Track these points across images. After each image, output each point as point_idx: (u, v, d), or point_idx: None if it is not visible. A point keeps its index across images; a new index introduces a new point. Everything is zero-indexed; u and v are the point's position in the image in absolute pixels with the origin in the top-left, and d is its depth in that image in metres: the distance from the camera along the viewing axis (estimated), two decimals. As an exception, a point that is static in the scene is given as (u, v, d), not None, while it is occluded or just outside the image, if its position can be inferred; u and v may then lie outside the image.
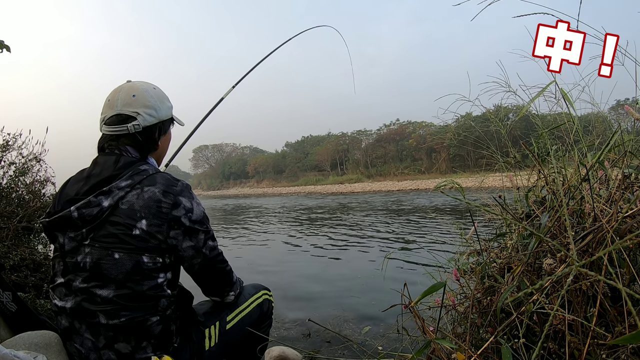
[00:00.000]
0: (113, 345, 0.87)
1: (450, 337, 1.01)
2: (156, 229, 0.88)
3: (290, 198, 31.85)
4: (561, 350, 0.85)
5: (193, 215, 0.94)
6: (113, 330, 0.86)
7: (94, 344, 0.88)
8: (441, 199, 15.72)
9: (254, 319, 1.20)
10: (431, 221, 9.27)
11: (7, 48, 1.61)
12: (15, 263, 2.19)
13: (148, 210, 0.88)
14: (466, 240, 1.51)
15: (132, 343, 0.88)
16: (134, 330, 0.87)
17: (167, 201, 0.90)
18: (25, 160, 2.87)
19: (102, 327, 0.86)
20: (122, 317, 0.85)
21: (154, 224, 0.88)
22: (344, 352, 2.06)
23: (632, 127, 1.26)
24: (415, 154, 51.09)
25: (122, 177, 0.91)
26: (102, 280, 0.85)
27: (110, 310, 0.85)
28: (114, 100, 0.98)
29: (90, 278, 0.86)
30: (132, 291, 0.86)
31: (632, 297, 0.72)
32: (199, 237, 0.95)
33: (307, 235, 8.24)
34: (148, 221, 0.87)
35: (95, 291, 0.86)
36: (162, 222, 0.89)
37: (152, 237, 0.87)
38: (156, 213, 0.88)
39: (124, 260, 0.85)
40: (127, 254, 0.85)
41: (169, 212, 0.90)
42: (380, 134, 58.87)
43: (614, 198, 0.98)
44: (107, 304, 0.85)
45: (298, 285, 4.09)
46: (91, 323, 0.87)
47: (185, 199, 0.94)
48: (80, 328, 0.89)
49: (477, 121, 2.26)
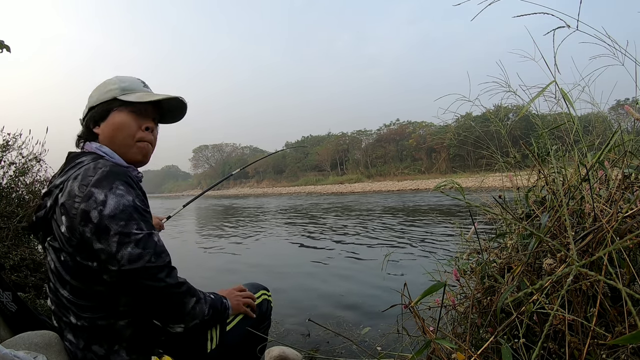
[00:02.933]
0: (91, 347, 0.85)
1: (450, 337, 1.01)
2: (72, 227, 0.78)
3: (290, 198, 31.85)
4: (561, 350, 0.85)
5: (105, 209, 0.76)
6: (85, 332, 0.84)
7: (76, 345, 0.87)
8: (441, 199, 15.72)
9: (253, 320, 1.16)
10: (431, 221, 9.27)
11: (7, 48, 1.61)
12: (15, 263, 2.19)
13: (67, 207, 0.78)
14: (466, 240, 1.51)
15: (105, 346, 0.85)
16: (101, 333, 0.84)
17: (79, 194, 0.78)
18: (25, 160, 2.87)
19: (77, 329, 0.85)
20: (85, 318, 0.83)
21: (70, 222, 0.78)
22: (344, 352, 2.06)
23: (632, 127, 1.26)
24: (415, 154, 51.10)
25: (60, 174, 0.87)
26: (61, 281, 0.84)
27: (75, 311, 0.84)
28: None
29: (56, 279, 0.86)
30: (84, 292, 0.82)
31: (632, 297, 0.72)
32: (112, 239, 0.76)
33: (306, 235, 8.24)
34: (67, 219, 0.78)
35: (59, 291, 0.85)
36: (74, 218, 0.77)
37: (72, 235, 0.78)
38: (70, 208, 0.78)
39: (68, 261, 0.81)
40: (68, 254, 0.81)
41: (79, 205, 0.77)
42: (380, 134, 58.90)
43: (614, 198, 0.98)
44: (69, 304, 0.84)
45: (298, 285, 4.09)
46: (67, 323, 0.87)
47: (99, 189, 0.77)
48: (65, 329, 0.89)
49: (477, 121, 2.26)
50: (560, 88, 0.98)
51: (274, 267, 5.24)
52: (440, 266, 1.76)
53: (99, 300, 0.83)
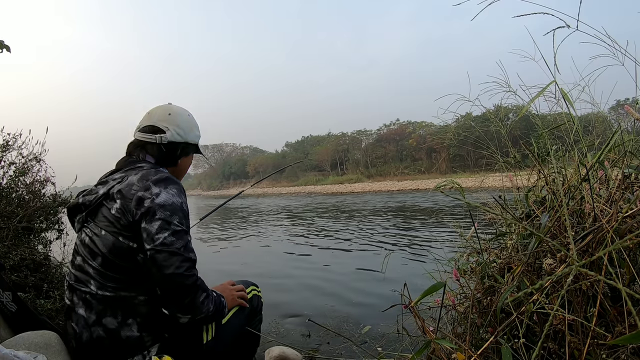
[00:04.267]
0: (101, 320, 0.93)
1: (450, 337, 1.01)
2: (126, 207, 0.94)
3: (290, 198, 31.86)
4: (561, 350, 0.85)
5: (157, 199, 0.93)
6: (102, 302, 0.93)
7: (86, 320, 0.95)
8: (441, 199, 15.72)
9: (246, 314, 1.22)
10: (431, 221, 9.27)
11: (7, 48, 1.61)
12: (15, 263, 2.19)
13: (124, 192, 0.96)
14: (466, 240, 1.51)
15: (118, 318, 0.93)
16: (121, 305, 0.94)
17: (140, 184, 0.96)
18: (25, 160, 2.87)
19: (94, 299, 0.94)
20: (109, 288, 0.94)
21: (125, 204, 0.95)
22: (344, 352, 2.06)
23: (632, 127, 1.26)
24: (415, 154, 51.09)
25: (120, 170, 1.04)
26: (93, 254, 0.96)
27: (100, 281, 0.94)
28: (152, 114, 1.14)
29: (86, 253, 0.98)
30: (116, 265, 0.94)
31: (632, 297, 0.72)
32: (155, 222, 0.90)
33: (306, 235, 8.24)
34: (121, 202, 0.96)
35: (88, 262, 0.96)
36: (130, 202, 0.94)
37: (123, 215, 0.94)
38: (127, 194, 0.96)
39: (108, 237, 0.95)
40: (109, 232, 0.95)
41: (136, 192, 0.95)
42: (380, 134, 58.87)
43: (614, 198, 0.98)
44: (96, 274, 0.95)
45: (298, 285, 4.09)
46: (85, 294, 0.95)
47: (156, 185, 0.96)
48: (78, 303, 0.97)
49: (477, 121, 2.25)
50: (560, 88, 0.98)
51: (273, 267, 5.24)
52: (440, 266, 1.76)
53: (126, 275, 0.94)
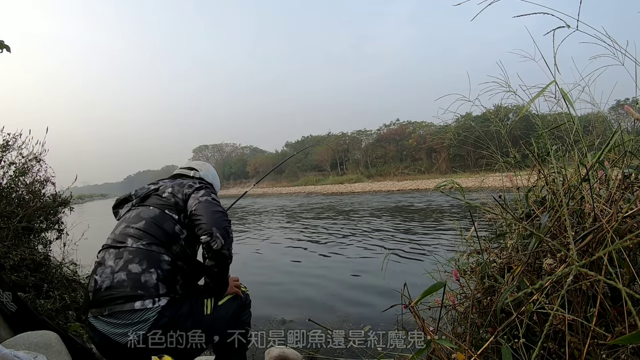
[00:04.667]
0: (127, 266, 1.11)
1: (450, 337, 1.01)
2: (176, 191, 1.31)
3: (289, 198, 31.87)
4: (561, 350, 0.85)
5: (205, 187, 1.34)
6: (133, 253, 1.14)
7: (112, 269, 1.12)
8: (441, 199, 15.71)
9: (238, 303, 1.39)
10: (431, 221, 9.27)
11: (7, 48, 1.61)
12: (15, 263, 2.19)
13: (175, 185, 1.35)
14: (466, 240, 1.51)
15: (143, 266, 1.12)
16: (148, 257, 1.14)
17: (188, 181, 1.38)
18: (25, 160, 2.87)
19: (126, 251, 1.15)
20: (144, 242, 1.16)
21: (176, 190, 1.31)
22: (344, 352, 2.06)
23: (632, 127, 1.26)
24: (415, 154, 51.05)
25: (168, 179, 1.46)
26: (138, 220, 1.24)
27: (137, 236, 1.18)
28: (191, 162, 1.62)
29: (132, 220, 1.24)
30: (157, 227, 1.21)
31: (632, 297, 0.72)
32: (201, 192, 1.29)
33: (306, 236, 8.24)
34: (172, 189, 1.32)
35: (131, 226, 1.22)
36: (180, 188, 1.32)
37: (173, 196, 1.29)
38: (179, 184, 1.35)
39: (155, 209, 1.26)
40: (157, 206, 1.27)
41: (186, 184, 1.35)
42: (380, 134, 58.82)
43: (614, 198, 0.98)
44: (136, 233, 1.19)
45: (298, 285, 4.09)
46: (118, 249, 1.16)
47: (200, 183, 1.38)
48: (109, 258, 1.15)
49: (477, 121, 2.25)
50: (560, 88, 0.98)
51: (273, 268, 5.24)
52: (440, 266, 1.76)
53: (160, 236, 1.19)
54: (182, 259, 1.21)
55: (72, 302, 2.15)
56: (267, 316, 3.07)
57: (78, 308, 2.20)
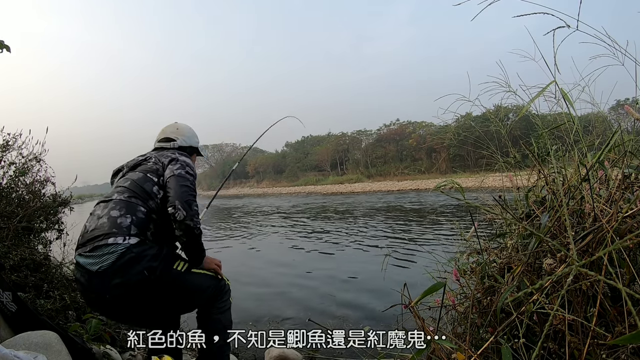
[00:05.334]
0: (110, 212, 1.32)
1: (450, 337, 1.01)
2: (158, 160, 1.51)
3: (290, 198, 31.83)
4: (561, 350, 0.85)
5: (180, 158, 1.50)
6: (116, 203, 1.35)
7: (98, 216, 1.33)
8: (441, 199, 15.71)
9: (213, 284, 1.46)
10: (431, 221, 9.27)
11: (7, 48, 1.61)
12: (15, 263, 2.19)
13: (159, 155, 1.54)
14: (466, 240, 1.51)
15: (122, 212, 1.32)
16: (127, 205, 1.35)
17: (170, 152, 1.56)
18: (25, 160, 2.87)
19: (111, 202, 1.37)
20: (126, 195, 1.38)
21: (158, 159, 1.51)
22: (344, 352, 2.06)
23: (632, 127, 1.26)
24: (415, 154, 51.03)
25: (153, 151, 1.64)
26: (125, 180, 1.45)
27: (121, 192, 1.39)
28: (165, 130, 1.74)
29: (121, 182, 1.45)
30: (137, 185, 1.41)
31: (632, 297, 0.72)
32: (177, 165, 1.46)
33: (306, 236, 8.24)
34: (155, 158, 1.52)
35: (120, 185, 1.44)
36: (162, 157, 1.51)
37: (155, 164, 1.49)
38: (161, 155, 1.54)
39: (139, 173, 1.46)
40: (141, 172, 1.47)
41: (167, 154, 1.53)
42: (380, 134, 58.79)
43: (614, 198, 0.98)
44: (122, 189, 1.40)
45: (298, 286, 4.08)
46: (107, 202, 1.38)
47: (183, 157, 1.52)
48: (98, 208, 1.38)
49: (477, 121, 2.26)
50: (560, 88, 0.98)
51: (273, 268, 5.24)
52: (440, 266, 1.76)
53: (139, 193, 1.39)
54: (156, 213, 1.38)
55: (72, 302, 2.15)
56: (267, 316, 3.07)
57: (78, 308, 2.20)
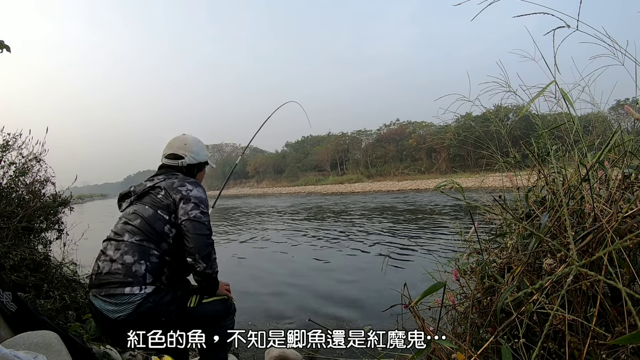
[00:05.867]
0: (123, 257, 1.31)
1: (450, 337, 1.01)
2: (168, 194, 1.43)
3: (290, 198, 31.84)
4: (561, 350, 0.85)
5: (191, 192, 1.43)
6: (129, 246, 1.33)
7: (111, 258, 1.32)
8: (441, 199, 15.71)
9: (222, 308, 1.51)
10: (431, 221, 9.27)
11: (7, 48, 1.61)
12: (15, 263, 2.19)
13: (167, 186, 1.45)
14: (466, 240, 1.51)
15: (135, 257, 1.31)
16: (140, 250, 1.33)
17: (179, 183, 1.46)
18: (25, 160, 2.87)
19: (123, 244, 1.34)
20: (137, 238, 1.35)
21: (168, 193, 1.43)
22: (344, 352, 2.06)
23: (632, 127, 1.26)
24: (415, 154, 51.02)
25: (162, 174, 1.54)
26: (135, 218, 1.40)
27: (133, 232, 1.36)
28: (172, 144, 1.61)
29: (130, 217, 1.41)
30: (149, 226, 1.37)
31: (632, 297, 0.72)
32: (190, 205, 1.40)
33: (306, 236, 8.24)
34: (165, 192, 1.44)
35: (129, 223, 1.39)
36: (172, 191, 1.43)
37: (166, 198, 1.42)
38: (170, 187, 1.45)
39: (150, 209, 1.41)
40: (152, 207, 1.42)
41: (177, 187, 1.44)
42: (380, 134, 58.77)
43: (614, 198, 0.98)
44: (132, 229, 1.37)
45: (298, 286, 4.08)
46: (118, 242, 1.35)
47: (191, 185, 1.46)
48: (110, 248, 1.35)
49: (477, 121, 2.25)
50: (560, 88, 0.98)
51: (273, 268, 5.24)
52: (440, 266, 1.76)
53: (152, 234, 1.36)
54: (170, 254, 1.38)
55: (72, 302, 2.15)
56: (266, 316, 3.07)
57: (78, 308, 2.20)
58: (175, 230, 1.39)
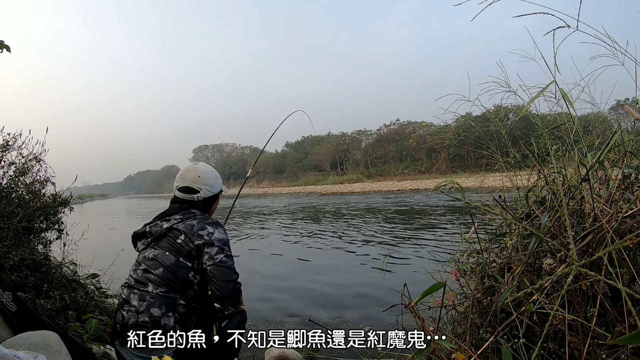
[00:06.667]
0: (150, 309, 1.29)
1: (450, 337, 1.01)
2: (189, 239, 1.39)
3: (290, 198, 31.84)
4: (561, 350, 0.85)
5: (213, 236, 1.40)
6: (154, 298, 1.31)
7: (136, 309, 1.30)
8: (441, 199, 15.71)
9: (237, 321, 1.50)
10: (431, 221, 9.26)
11: (7, 48, 1.61)
12: (15, 263, 2.19)
13: (187, 230, 1.41)
14: (466, 240, 1.51)
15: (162, 310, 1.29)
16: (167, 302, 1.31)
17: (199, 226, 1.41)
18: (25, 160, 2.87)
19: (148, 295, 1.31)
20: (163, 289, 1.32)
21: (189, 238, 1.39)
22: (344, 352, 2.06)
23: (632, 127, 1.26)
24: (415, 154, 51.04)
25: (178, 213, 1.47)
26: (156, 266, 1.36)
27: (157, 283, 1.33)
28: (185, 176, 1.54)
29: (150, 265, 1.37)
30: (173, 275, 1.34)
31: (632, 297, 0.72)
32: (214, 249, 1.37)
33: (306, 236, 8.24)
34: (185, 236, 1.40)
35: (152, 270, 1.35)
36: (192, 236, 1.39)
37: (186, 244, 1.38)
38: (190, 231, 1.40)
39: (171, 256, 1.37)
40: (173, 254, 1.38)
41: (198, 232, 1.40)
42: (380, 134, 58.80)
43: (614, 198, 0.98)
44: (156, 278, 1.34)
45: (298, 286, 4.08)
46: (142, 292, 1.32)
47: (211, 226, 1.42)
48: (133, 297, 1.32)
49: (477, 121, 2.25)
50: (560, 88, 0.98)
51: (273, 269, 5.24)
52: (440, 266, 1.76)
53: (176, 284, 1.34)
54: (196, 300, 1.39)
55: (72, 302, 2.15)
56: (266, 316, 3.07)
57: (78, 308, 2.20)
58: (200, 277, 1.38)
